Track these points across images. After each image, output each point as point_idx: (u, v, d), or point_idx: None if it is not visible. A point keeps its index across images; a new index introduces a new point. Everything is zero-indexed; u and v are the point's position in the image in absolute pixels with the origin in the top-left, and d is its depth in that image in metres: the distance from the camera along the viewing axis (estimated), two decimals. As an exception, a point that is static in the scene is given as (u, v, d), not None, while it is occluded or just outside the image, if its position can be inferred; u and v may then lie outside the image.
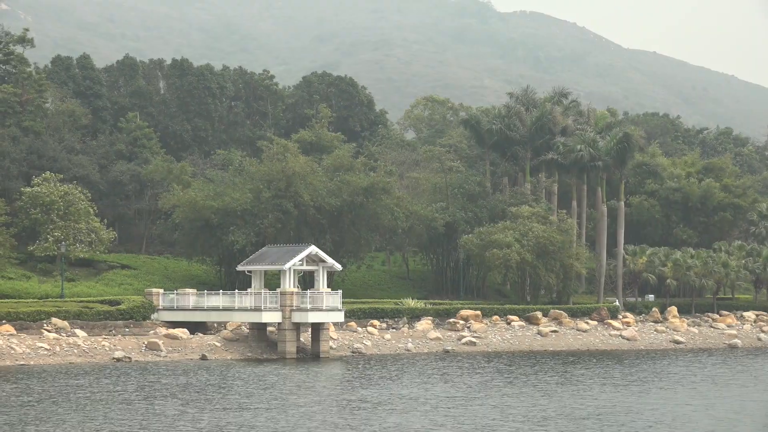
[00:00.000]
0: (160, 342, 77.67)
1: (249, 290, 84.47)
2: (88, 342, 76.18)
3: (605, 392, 59.04)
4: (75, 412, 47.59)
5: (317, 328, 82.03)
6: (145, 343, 77.51)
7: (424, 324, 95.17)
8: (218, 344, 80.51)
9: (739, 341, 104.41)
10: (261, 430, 43.27)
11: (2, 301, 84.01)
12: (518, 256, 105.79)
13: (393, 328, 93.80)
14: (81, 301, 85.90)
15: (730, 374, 73.23)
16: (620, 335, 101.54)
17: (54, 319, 78.75)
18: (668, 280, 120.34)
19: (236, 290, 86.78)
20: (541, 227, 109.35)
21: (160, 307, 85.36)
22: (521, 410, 50.10)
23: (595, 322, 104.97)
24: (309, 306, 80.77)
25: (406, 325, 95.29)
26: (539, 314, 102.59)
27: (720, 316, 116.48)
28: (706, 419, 48.41)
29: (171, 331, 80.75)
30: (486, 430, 43.69)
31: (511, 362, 79.44)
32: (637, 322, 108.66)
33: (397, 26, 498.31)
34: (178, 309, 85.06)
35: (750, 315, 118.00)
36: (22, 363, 69.78)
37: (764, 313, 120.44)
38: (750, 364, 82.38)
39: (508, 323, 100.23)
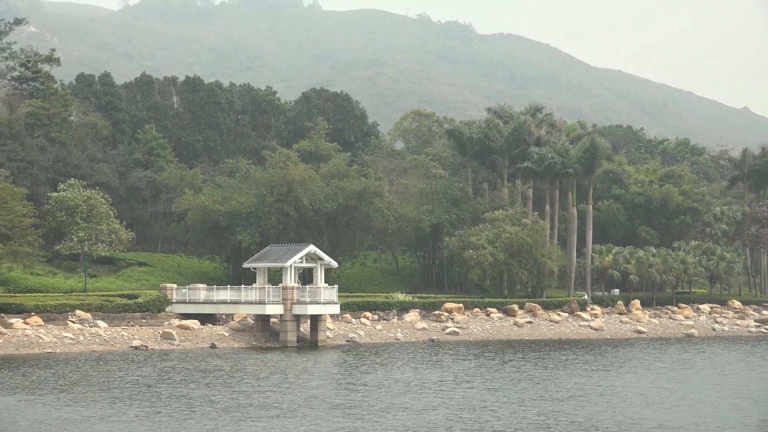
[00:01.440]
0: (174, 332, 77.84)
1: (254, 285, 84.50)
2: (109, 332, 76.33)
3: (581, 376, 59.35)
4: (105, 394, 48.06)
5: (315, 320, 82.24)
6: (160, 333, 77.67)
7: (412, 316, 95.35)
8: (226, 334, 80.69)
9: (695, 331, 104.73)
10: (275, 411, 43.61)
11: (31, 294, 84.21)
12: (491, 257, 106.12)
13: (384, 320, 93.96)
14: (102, 295, 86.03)
15: (691, 361, 73.51)
16: (589, 326, 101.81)
17: (78, 311, 78.87)
18: (632, 276, 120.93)
19: (242, 285, 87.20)
20: (514, 229, 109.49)
21: (174, 301, 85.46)
22: (508, 393, 50.48)
23: (566, 314, 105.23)
24: (308, 299, 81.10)
25: (396, 316, 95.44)
26: (516, 307, 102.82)
27: (678, 308, 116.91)
28: (674, 400, 49.02)
29: (183, 322, 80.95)
30: (478, 410, 44.05)
31: (492, 350, 79.68)
32: (603, 313, 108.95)
33: (388, 47, 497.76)
34: (190, 302, 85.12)
35: (705, 307, 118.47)
36: (49, 351, 69.96)
37: (718, 305, 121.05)
38: (707, 352, 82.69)
39: (488, 315, 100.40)
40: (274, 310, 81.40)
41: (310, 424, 39.45)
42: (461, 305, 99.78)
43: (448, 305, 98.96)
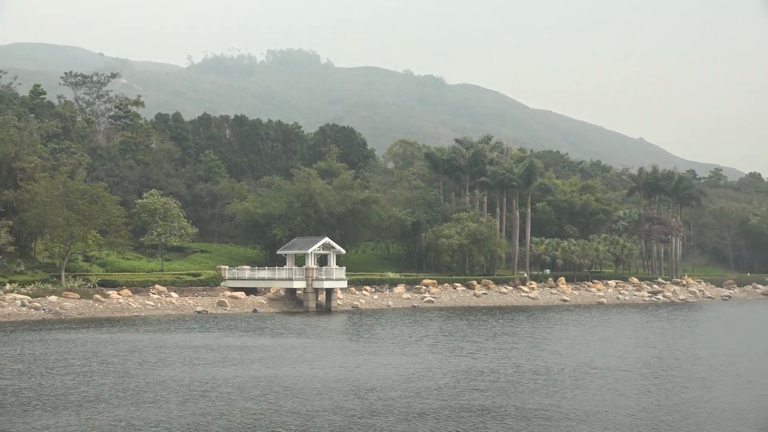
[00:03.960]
0: (227, 300, 77.90)
1: (284, 267, 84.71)
2: (179, 300, 76.48)
3: (531, 332, 59.40)
4: (190, 336, 48.17)
5: (329, 292, 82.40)
6: (217, 301, 77.76)
7: (399, 289, 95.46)
8: (264, 302, 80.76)
9: (605, 300, 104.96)
10: (315, 354, 43.85)
11: (123, 273, 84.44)
12: (458, 242, 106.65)
13: (379, 291, 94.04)
14: (174, 274, 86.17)
15: (609, 321, 73.54)
16: (527, 296, 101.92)
17: (157, 286, 79.06)
18: (558, 260, 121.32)
19: (276, 267, 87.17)
20: (474, 224, 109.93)
21: (226, 278, 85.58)
22: (480, 343, 50.51)
23: (511, 288, 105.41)
24: (324, 277, 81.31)
25: (387, 289, 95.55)
26: (475, 282, 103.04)
27: (592, 283, 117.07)
28: (598, 347, 49.40)
29: (233, 293, 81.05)
30: (461, 356, 44.11)
31: (460, 314, 79.77)
32: (538, 287, 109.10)
33: (382, 93, 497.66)
34: (238, 279, 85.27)
35: (612, 283, 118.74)
36: (136, 314, 70.05)
37: (621, 281, 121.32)
38: (616, 315, 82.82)
39: (454, 288, 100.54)
40: (299, 284, 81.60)
41: (340, 365, 39.47)
42: (435, 281, 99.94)
43: (425, 281, 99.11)
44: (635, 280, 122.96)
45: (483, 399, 30.66)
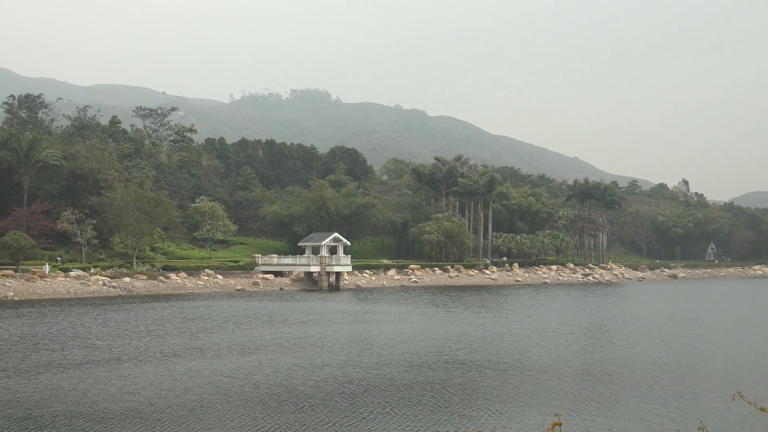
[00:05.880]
0: (260, 281, 77.78)
1: (304, 255, 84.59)
2: (224, 281, 76.24)
3: (493, 303, 59.38)
4: (238, 303, 47.97)
5: (338, 274, 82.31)
6: (252, 281, 77.58)
7: (392, 272, 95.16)
8: (288, 282, 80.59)
9: (548, 280, 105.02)
10: (332, 320, 43.59)
11: (180, 260, 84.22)
12: (436, 237, 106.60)
13: (376, 274, 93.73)
14: (219, 261, 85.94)
15: (555, 296, 73.68)
16: (489, 278, 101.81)
17: (206, 270, 78.80)
18: (513, 250, 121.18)
19: (297, 255, 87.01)
20: (448, 223, 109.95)
21: (259, 264, 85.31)
22: (459, 314, 50.43)
23: (477, 271, 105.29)
24: (334, 263, 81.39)
25: (382, 272, 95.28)
26: (450, 267, 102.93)
27: (539, 267, 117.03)
28: (548, 314, 49.27)
29: (265, 276, 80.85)
30: (446, 323, 44.02)
31: (439, 291, 79.79)
32: (497, 271, 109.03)
33: (378, 123, 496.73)
34: (268, 264, 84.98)
35: (554, 267, 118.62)
36: (191, 292, 69.88)
37: (561, 266, 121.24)
38: (557, 291, 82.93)
39: (434, 272, 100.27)
40: (315, 268, 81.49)
41: (352, 329, 39.52)
42: (419, 266, 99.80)
43: (411, 266, 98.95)
44: (571, 265, 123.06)
45: (465, 355, 30.78)
